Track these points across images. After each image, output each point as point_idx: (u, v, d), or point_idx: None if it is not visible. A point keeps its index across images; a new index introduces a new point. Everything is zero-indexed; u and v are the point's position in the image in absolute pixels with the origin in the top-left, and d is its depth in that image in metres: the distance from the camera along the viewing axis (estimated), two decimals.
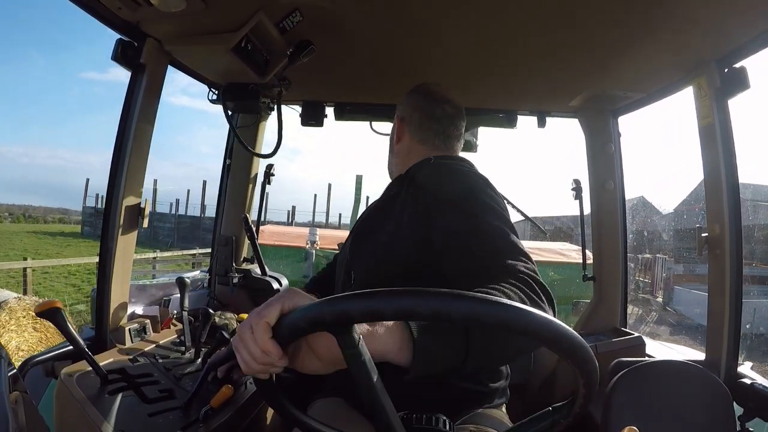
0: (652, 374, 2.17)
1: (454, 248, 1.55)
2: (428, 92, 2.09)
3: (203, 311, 2.37)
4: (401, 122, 2.07)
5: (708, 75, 2.21)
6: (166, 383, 1.94)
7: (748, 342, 15.43)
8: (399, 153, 2.10)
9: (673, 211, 33.48)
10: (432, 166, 1.88)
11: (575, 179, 3.25)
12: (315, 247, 12.76)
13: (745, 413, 2.11)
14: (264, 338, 0.99)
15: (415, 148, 2.05)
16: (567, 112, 3.23)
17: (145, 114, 2.15)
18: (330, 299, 0.94)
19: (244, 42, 2.10)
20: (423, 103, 2.06)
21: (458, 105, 2.09)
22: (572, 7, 1.86)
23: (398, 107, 2.14)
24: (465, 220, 1.57)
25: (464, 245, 1.52)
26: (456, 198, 1.65)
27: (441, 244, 1.58)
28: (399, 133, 2.08)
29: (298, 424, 1.26)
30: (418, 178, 1.85)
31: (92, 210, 50.50)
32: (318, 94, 3.21)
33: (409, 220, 1.73)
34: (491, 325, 0.86)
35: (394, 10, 1.96)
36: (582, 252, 3.44)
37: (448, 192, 1.68)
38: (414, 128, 2.04)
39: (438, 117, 2.04)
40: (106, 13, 1.90)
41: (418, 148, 2.04)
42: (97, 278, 2.15)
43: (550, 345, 0.91)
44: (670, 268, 24.32)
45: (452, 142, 2.08)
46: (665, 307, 22.46)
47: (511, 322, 0.87)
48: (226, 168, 3.37)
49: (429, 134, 2.03)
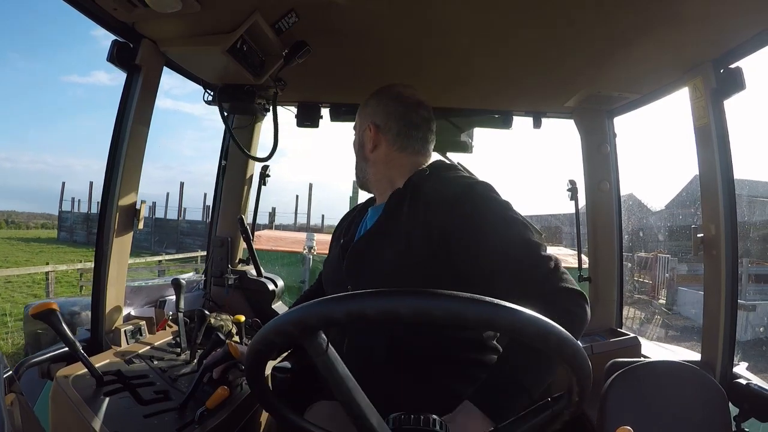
0: (648, 375, 2.18)
1: (496, 268, 1.62)
2: (400, 96, 2.07)
3: (199, 312, 2.37)
4: (377, 130, 2.04)
5: (704, 76, 2.21)
6: (162, 385, 1.95)
7: (764, 348, 14.59)
8: (376, 161, 2.07)
9: (665, 207, 33.24)
10: (438, 180, 1.88)
11: (571, 180, 3.25)
12: (312, 252, 12.77)
13: (741, 414, 2.12)
14: None
15: (394, 156, 2.04)
16: (562, 113, 3.23)
17: (140, 115, 2.14)
18: (285, 313, 0.99)
19: (240, 43, 2.10)
20: (400, 109, 2.04)
21: (428, 105, 2.10)
22: (568, 8, 1.86)
23: (366, 111, 2.12)
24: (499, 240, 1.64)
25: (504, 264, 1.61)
26: (478, 217, 1.69)
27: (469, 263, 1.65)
28: (375, 140, 2.04)
29: (294, 428, 1.27)
30: (424, 193, 1.83)
31: (71, 214, 49.46)
32: (313, 95, 3.21)
33: (421, 238, 1.74)
34: (475, 322, 0.87)
35: (390, 11, 1.96)
36: (577, 253, 3.45)
37: (467, 211, 1.70)
38: (392, 137, 2.03)
39: (416, 124, 2.04)
40: (102, 14, 1.90)
41: (398, 156, 2.04)
42: (93, 279, 2.15)
43: (537, 342, 0.92)
44: (673, 268, 22.04)
45: (429, 146, 2.10)
46: (669, 310, 20.21)
47: (495, 320, 0.88)
48: (222, 169, 3.36)
49: (409, 141, 2.03)
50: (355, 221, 2.17)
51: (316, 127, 3.28)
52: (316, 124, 3.27)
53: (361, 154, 2.12)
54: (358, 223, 2.14)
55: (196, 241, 38.71)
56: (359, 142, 2.14)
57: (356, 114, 2.19)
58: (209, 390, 1.89)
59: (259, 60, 2.29)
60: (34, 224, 55.89)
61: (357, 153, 2.16)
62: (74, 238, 46.09)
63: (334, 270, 2.07)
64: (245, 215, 3.41)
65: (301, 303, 2.28)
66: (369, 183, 2.14)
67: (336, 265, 2.04)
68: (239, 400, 1.98)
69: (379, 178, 2.07)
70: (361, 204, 2.30)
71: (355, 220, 2.18)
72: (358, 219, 2.17)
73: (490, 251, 1.63)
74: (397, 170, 2.02)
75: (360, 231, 2.09)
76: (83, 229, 46.02)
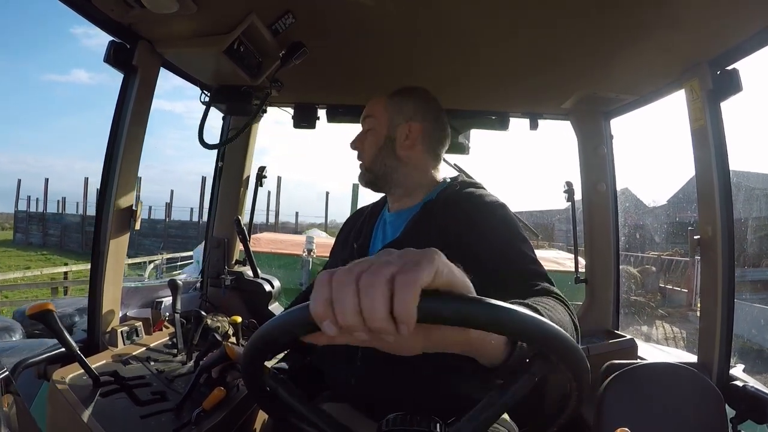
0: (645, 376, 2.18)
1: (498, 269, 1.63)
2: (436, 101, 2.09)
3: (195, 313, 2.38)
4: (421, 131, 2.01)
5: (700, 77, 2.21)
6: (159, 385, 1.95)
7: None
8: (408, 161, 2.02)
9: (668, 202, 32.77)
10: (465, 196, 1.91)
11: (567, 181, 3.25)
12: (312, 255, 12.76)
13: (737, 416, 2.12)
14: (410, 303, 0.76)
15: (426, 159, 2.04)
16: (559, 114, 3.23)
17: (137, 116, 2.14)
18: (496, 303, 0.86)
19: (237, 44, 2.10)
20: (439, 114, 2.06)
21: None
22: (564, 9, 1.86)
23: (404, 108, 2.05)
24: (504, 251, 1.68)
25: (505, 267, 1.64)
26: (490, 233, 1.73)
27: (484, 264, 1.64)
28: (413, 140, 2.01)
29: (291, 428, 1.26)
30: (452, 206, 1.86)
31: (24, 214, 46.46)
32: (310, 96, 3.21)
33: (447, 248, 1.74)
34: (482, 325, 0.87)
35: (386, 13, 1.96)
36: (574, 254, 3.45)
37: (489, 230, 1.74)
38: (431, 140, 2.03)
39: (446, 130, 2.08)
40: (99, 15, 1.90)
41: (428, 159, 2.05)
42: (90, 281, 2.15)
43: (537, 342, 0.92)
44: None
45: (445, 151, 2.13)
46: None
47: (501, 322, 0.87)
48: (218, 171, 3.36)
49: (441, 149, 2.07)
50: (368, 223, 2.14)
51: (313, 128, 3.27)
52: (312, 126, 3.27)
53: (390, 150, 2.04)
54: (373, 225, 2.12)
55: (155, 243, 36.42)
56: (387, 137, 2.05)
57: (381, 107, 2.09)
58: (206, 391, 1.89)
59: (255, 61, 2.29)
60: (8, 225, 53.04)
61: (383, 148, 2.05)
62: (30, 239, 44.39)
63: None
64: (242, 216, 3.41)
65: (299, 303, 2.29)
66: (391, 182, 2.06)
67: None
68: (236, 401, 1.98)
69: (406, 180, 2.03)
70: (371, 206, 2.27)
71: (368, 222, 2.16)
72: (371, 221, 2.15)
73: (488, 260, 1.64)
74: (422, 174, 2.03)
75: (377, 234, 2.07)
76: (39, 231, 44.38)
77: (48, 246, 40.94)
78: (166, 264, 21.10)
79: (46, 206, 45.47)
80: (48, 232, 42.92)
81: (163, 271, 19.56)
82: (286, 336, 0.97)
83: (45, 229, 43.21)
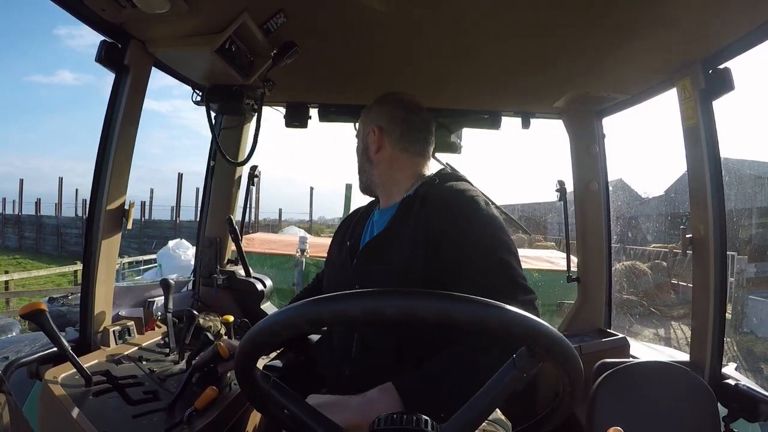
0: (637, 375, 2.19)
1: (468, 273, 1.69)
2: (403, 101, 2.16)
3: (187, 313, 2.37)
4: (381, 132, 2.10)
5: (692, 76, 2.22)
6: (151, 385, 1.95)
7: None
8: (380, 163, 2.12)
9: (664, 193, 32.14)
10: (444, 191, 1.93)
11: (559, 180, 3.26)
12: (305, 255, 12.77)
13: (730, 414, 2.13)
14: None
15: (398, 157, 2.10)
16: (551, 113, 3.24)
17: (129, 116, 2.14)
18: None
19: (228, 43, 2.09)
20: (402, 113, 2.11)
21: (428, 111, 2.18)
22: (556, 8, 1.87)
23: (369, 116, 2.19)
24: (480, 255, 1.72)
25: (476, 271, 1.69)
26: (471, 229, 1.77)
27: (453, 264, 1.73)
28: (379, 142, 2.10)
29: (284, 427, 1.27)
30: (431, 200, 1.89)
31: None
32: (302, 96, 3.21)
33: (424, 243, 1.80)
34: (468, 323, 0.87)
35: (378, 12, 1.96)
36: (566, 253, 3.46)
37: (459, 219, 1.79)
38: (395, 138, 2.09)
39: (418, 126, 2.12)
40: (90, 14, 1.89)
41: (401, 157, 2.10)
42: (82, 280, 2.15)
43: (527, 341, 0.92)
44: (743, 270, 16.85)
45: (430, 148, 2.17)
46: (737, 329, 15.11)
47: (488, 320, 0.87)
48: (210, 170, 3.35)
49: (411, 143, 2.10)
50: (361, 223, 2.23)
51: (305, 128, 3.28)
52: (304, 125, 3.27)
53: (366, 157, 2.18)
54: (364, 224, 2.20)
55: (132, 243, 32.99)
56: (363, 147, 2.20)
57: (359, 121, 2.27)
58: (198, 390, 1.89)
59: (247, 60, 2.29)
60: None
61: (361, 158, 2.22)
62: (6, 243, 42.16)
63: (340, 271, 2.12)
64: (234, 215, 3.40)
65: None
66: (374, 185, 2.19)
67: (341, 266, 2.10)
68: (228, 400, 1.98)
69: (384, 180, 2.13)
70: (365, 206, 2.35)
71: (361, 221, 2.24)
72: (363, 221, 2.23)
73: (468, 258, 1.71)
74: (400, 171, 2.10)
75: (366, 232, 2.15)
76: (15, 233, 42.12)
77: (24, 249, 39.77)
78: (127, 269, 19.93)
79: (21, 208, 43.78)
80: (24, 235, 41.97)
81: (124, 277, 18.15)
82: None
83: (21, 232, 41.97)
